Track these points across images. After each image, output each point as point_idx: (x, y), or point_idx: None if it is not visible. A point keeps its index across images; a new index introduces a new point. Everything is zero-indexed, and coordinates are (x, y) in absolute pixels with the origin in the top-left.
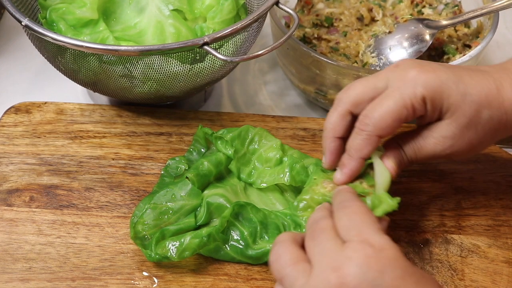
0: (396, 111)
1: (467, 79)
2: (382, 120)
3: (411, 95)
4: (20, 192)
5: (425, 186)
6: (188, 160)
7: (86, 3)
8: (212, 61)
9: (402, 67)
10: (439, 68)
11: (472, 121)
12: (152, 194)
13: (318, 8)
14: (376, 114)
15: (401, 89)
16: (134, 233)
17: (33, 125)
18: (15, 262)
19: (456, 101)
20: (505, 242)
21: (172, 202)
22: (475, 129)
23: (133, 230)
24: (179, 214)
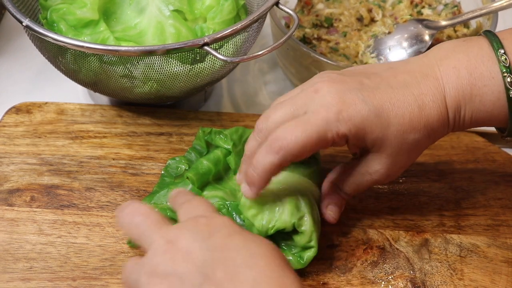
0: (315, 141)
1: (388, 106)
2: (300, 148)
3: (333, 131)
4: (21, 192)
5: (425, 186)
6: (188, 160)
7: (86, 4)
8: (212, 61)
9: (322, 93)
10: (359, 99)
11: (401, 149)
12: (152, 194)
13: (318, 9)
14: (294, 139)
15: (324, 120)
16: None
17: (33, 125)
18: (16, 262)
19: (381, 135)
20: (504, 242)
21: None
22: (406, 154)
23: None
24: None
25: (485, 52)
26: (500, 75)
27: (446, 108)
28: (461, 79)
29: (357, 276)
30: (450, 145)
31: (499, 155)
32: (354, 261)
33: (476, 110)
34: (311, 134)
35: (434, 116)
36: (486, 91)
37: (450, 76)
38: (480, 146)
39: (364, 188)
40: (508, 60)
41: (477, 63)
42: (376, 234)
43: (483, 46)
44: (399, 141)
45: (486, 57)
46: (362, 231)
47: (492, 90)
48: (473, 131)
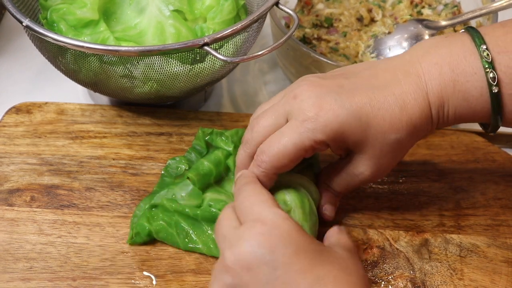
0: (293, 152)
1: (367, 108)
2: (279, 160)
3: (310, 138)
4: (21, 192)
5: (424, 186)
6: (188, 160)
7: (86, 4)
8: (212, 61)
9: (300, 99)
10: (337, 102)
11: (383, 150)
12: (153, 194)
13: (318, 9)
14: (272, 152)
15: (299, 129)
16: (133, 234)
17: (34, 125)
18: (16, 262)
19: (361, 137)
20: (504, 242)
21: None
22: (390, 154)
23: (132, 232)
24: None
25: (467, 48)
26: (482, 71)
27: (429, 106)
28: (444, 75)
29: None
30: (450, 145)
31: (499, 155)
32: None
33: (459, 106)
34: (287, 147)
35: (416, 114)
36: (469, 86)
37: (432, 73)
38: (480, 146)
39: (353, 187)
40: (490, 55)
41: (459, 59)
42: (376, 234)
43: (465, 42)
44: (381, 142)
45: (469, 53)
46: (362, 231)
47: (474, 85)
48: (473, 131)
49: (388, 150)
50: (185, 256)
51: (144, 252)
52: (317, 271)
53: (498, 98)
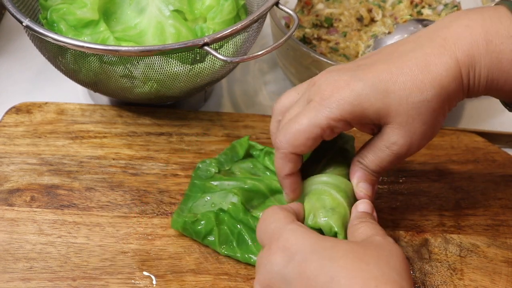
0: (310, 130)
1: (385, 76)
2: (295, 138)
3: (327, 116)
4: (21, 192)
5: (425, 186)
6: (218, 162)
7: (86, 4)
8: (212, 61)
9: (318, 84)
10: (353, 78)
11: (410, 115)
12: (187, 199)
13: (318, 9)
14: (289, 131)
15: (316, 109)
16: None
17: (34, 125)
18: (16, 262)
19: (382, 105)
20: (504, 242)
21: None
22: (419, 118)
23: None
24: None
25: (502, 13)
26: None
27: (457, 64)
28: (475, 35)
29: None
30: (450, 145)
31: (499, 155)
32: None
33: (492, 67)
34: (303, 124)
35: (442, 73)
36: (503, 48)
37: (462, 34)
38: (480, 146)
39: (387, 163)
40: None
41: (493, 21)
42: None
43: (499, 8)
44: (405, 107)
45: (504, 17)
46: None
47: (510, 48)
48: (473, 131)
49: (415, 114)
50: (185, 256)
51: (144, 252)
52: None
53: None
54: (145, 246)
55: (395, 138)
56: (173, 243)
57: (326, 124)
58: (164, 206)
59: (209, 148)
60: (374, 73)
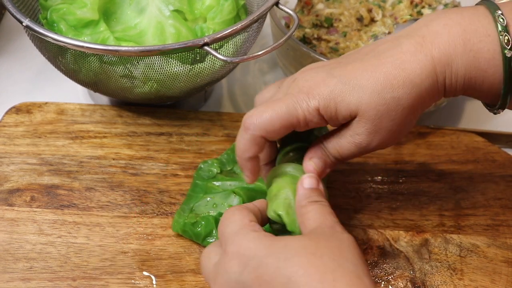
0: (285, 116)
1: (359, 73)
2: (269, 122)
3: (304, 108)
4: (21, 192)
5: (424, 186)
6: (220, 163)
7: (86, 4)
8: (212, 61)
9: (297, 80)
10: (329, 74)
11: (379, 109)
12: (189, 199)
13: (318, 9)
14: (264, 114)
15: (293, 98)
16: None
17: (34, 125)
18: (16, 262)
19: (354, 100)
20: (504, 242)
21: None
22: (387, 115)
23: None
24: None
25: (481, 12)
26: (496, 34)
27: (432, 62)
28: (453, 34)
29: None
30: (450, 145)
31: (499, 155)
32: None
33: (469, 66)
34: (280, 110)
35: (415, 71)
36: (481, 47)
37: (440, 32)
38: (480, 146)
39: (347, 151)
40: (505, 20)
41: (471, 20)
42: (376, 234)
43: (478, 8)
44: (376, 101)
45: (482, 16)
46: (362, 231)
47: (487, 47)
48: (473, 131)
49: (384, 110)
50: (185, 256)
51: (144, 252)
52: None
53: (511, 63)
54: (145, 246)
55: (361, 130)
56: (173, 243)
57: (301, 114)
58: (164, 206)
59: (209, 148)
60: (349, 70)
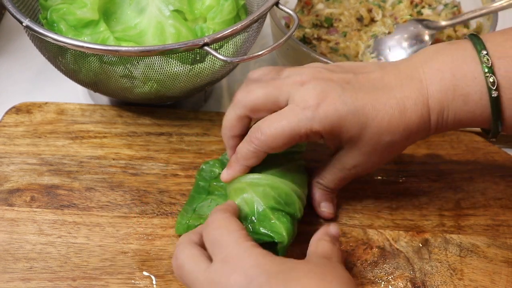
0: (289, 135)
1: (368, 108)
2: (274, 140)
3: (307, 126)
4: (21, 192)
5: (424, 186)
6: (222, 163)
7: (86, 4)
8: (212, 61)
9: (306, 86)
10: (339, 97)
11: (376, 149)
12: (192, 201)
13: (318, 9)
14: (269, 131)
15: (299, 116)
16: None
17: (34, 125)
18: (16, 262)
19: (357, 134)
20: (504, 242)
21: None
22: (382, 153)
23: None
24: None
25: (468, 54)
26: (482, 76)
27: (428, 112)
28: (445, 80)
29: (357, 276)
30: (450, 145)
31: (499, 155)
32: (354, 261)
33: (459, 110)
34: (285, 129)
35: (414, 120)
36: (469, 91)
37: (434, 78)
38: (480, 146)
39: (345, 181)
40: (490, 60)
41: (460, 64)
42: (376, 234)
43: (467, 48)
44: (375, 141)
45: (469, 58)
46: (362, 231)
47: (475, 90)
48: (473, 131)
49: (381, 149)
50: None
51: (144, 252)
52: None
53: (497, 102)
54: (145, 246)
55: (356, 162)
56: (173, 243)
57: (304, 134)
58: (164, 206)
59: (209, 148)
60: (359, 102)
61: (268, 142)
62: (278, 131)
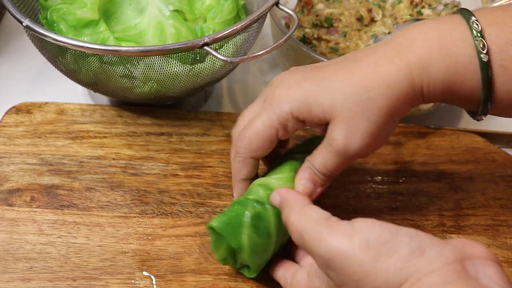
0: (263, 132)
1: (334, 75)
2: (251, 142)
3: (277, 114)
4: (21, 192)
5: (424, 186)
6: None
7: (86, 4)
8: (212, 61)
9: (274, 85)
10: (303, 77)
11: (354, 111)
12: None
13: (318, 9)
14: (247, 135)
15: (267, 109)
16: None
17: (34, 125)
18: (16, 262)
19: (327, 101)
20: (504, 242)
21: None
22: (362, 116)
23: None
24: None
25: (456, 20)
26: (472, 39)
27: (408, 66)
28: (429, 39)
29: None
30: (450, 145)
31: (499, 155)
32: None
33: (447, 70)
34: (257, 127)
35: (391, 73)
36: (458, 52)
37: (416, 38)
38: (480, 146)
39: (331, 162)
40: (479, 26)
41: (447, 27)
42: None
43: (454, 16)
44: (350, 102)
45: (458, 23)
46: None
47: (463, 52)
48: (473, 131)
49: (359, 110)
50: (185, 256)
51: (144, 252)
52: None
53: (488, 68)
54: (145, 246)
55: (336, 134)
56: (173, 243)
57: (277, 123)
58: (164, 206)
59: (209, 148)
60: (324, 72)
61: (248, 146)
62: (254, 131)
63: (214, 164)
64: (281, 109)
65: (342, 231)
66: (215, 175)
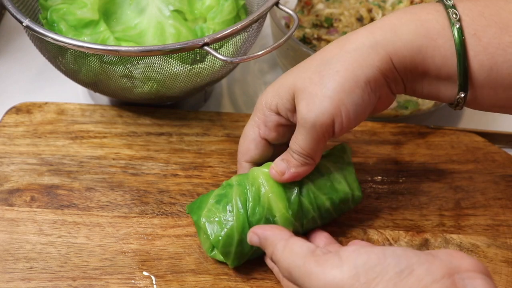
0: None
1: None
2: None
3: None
4: (21, 192)
5: (424, 186)
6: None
7: (86, 4)
8: (212, 61)
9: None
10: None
11: (314, 80)
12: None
13: (318, 9)
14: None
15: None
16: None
17: (34, 125)
18: (16, 262)
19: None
20: (504, 242)
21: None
22: (320, 84)
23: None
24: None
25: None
26: (444, 10)
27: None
28: (401, 12)
29: None
30: (450, 145)
31: (499, 155)
32: None
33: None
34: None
35: (351, 40)
36: (430, 18)
37: (388, 16)
38: (480, 146)
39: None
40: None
41: (420, 5)
42: (376, 234)
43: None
44: (310, 74)
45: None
46: (362, 231)
47: (436, 19)
48: (473, 131)
49: (316, 79)
50: (185, 256)
51: (144, 252)
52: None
53: (460, 35)
54: (145, 246)
55: (298, 106)
56: (173, 243)
57: (258, 121)
58: (164, 206)
59: (209, 148)
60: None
61: (240, 149)
62: (243, 134)
63: (214, 164)
64: (257, 105)
65: (331, 264)
66: (215, 175)
